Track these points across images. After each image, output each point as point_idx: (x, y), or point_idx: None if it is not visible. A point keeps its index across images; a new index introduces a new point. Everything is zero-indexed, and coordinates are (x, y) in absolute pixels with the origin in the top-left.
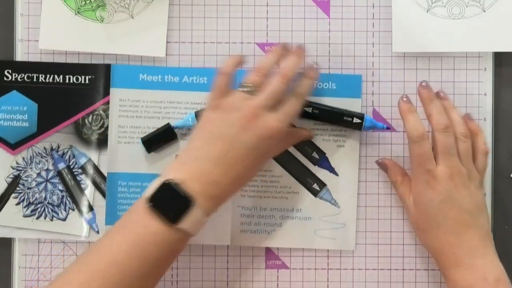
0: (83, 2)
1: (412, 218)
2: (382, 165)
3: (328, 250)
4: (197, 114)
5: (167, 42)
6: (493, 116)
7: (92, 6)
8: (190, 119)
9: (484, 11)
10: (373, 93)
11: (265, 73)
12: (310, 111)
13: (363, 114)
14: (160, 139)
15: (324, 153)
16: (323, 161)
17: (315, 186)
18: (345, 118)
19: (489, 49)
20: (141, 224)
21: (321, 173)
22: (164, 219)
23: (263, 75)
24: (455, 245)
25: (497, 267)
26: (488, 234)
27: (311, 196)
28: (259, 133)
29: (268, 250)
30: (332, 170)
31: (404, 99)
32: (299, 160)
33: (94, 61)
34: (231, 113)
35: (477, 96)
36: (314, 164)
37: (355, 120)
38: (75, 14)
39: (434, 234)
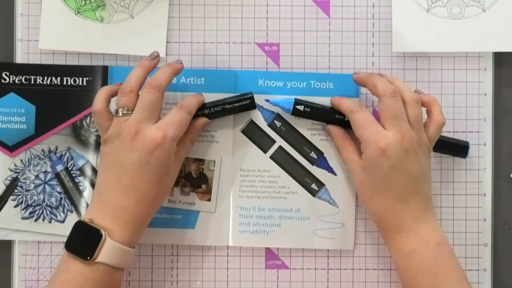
0: (83, 2)
1: (358, 181)
2: (326, 131)
3: (328, 250)
4: None
5: (167, 42)
6: (493, 116)
7: (92, 6)
8: None
9: (484, 11)
10: (373, 93)
11: (132, 90)
12: (302, 109)
13: None
14: None
15: (322, 153)
16: (322, 161)
17: (314, 186)
18: (337, 116)
19: (489, 49)
20: (66, 269)
21: (320, 173)
22: (81, 257)
23: (129, 93)
24: (399, 212)
25: (438, 231)
26: (430, 201)
27: (310, 196)
28: (143, 148)
29: (268, 250)
30: (330, 170)
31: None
32: (298, 160)
33: (94, 61)
34: (115, 140)
35: (477, 96)
36: (313, 164)
37: (347, 118)
38: (75, 14)
39: (379, 200)
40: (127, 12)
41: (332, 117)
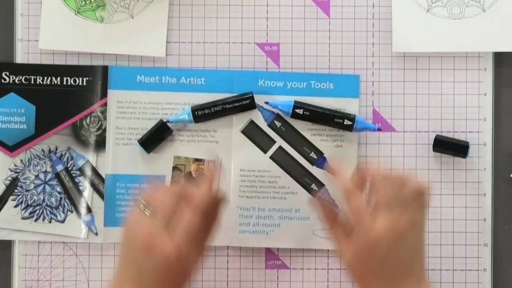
0: (83, 2)
1: (348, 264)
2: (313, 204)
3: (328, 250)
4: (194, 110)
5: (167, 42)
6: (493, 116)
7: (92, 6)
8: (186, 115)
9: (484, 11)
10: (373, 93)
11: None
12: (301, 112)
13: (354, 116)
14: (156, 137)
15: (322, 153)
16: (321, 161)
17: (314, 186)
18: (336, 119)
19: (489, 49)
20: None
21: (319, 173)
22: None
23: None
24: None
25: None
26: (424, 274)
27: (310, 196)
28: (159, 262)
29: (268, 250)
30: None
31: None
32: (297, 161)
33: (94, 61)
34: (132, 238)
35: (477, 96)
36: (312, 164)
37: (346, 121)
38: (75, 14)
39: (371, 283)
40: (127, 12)
41: (331, 120)
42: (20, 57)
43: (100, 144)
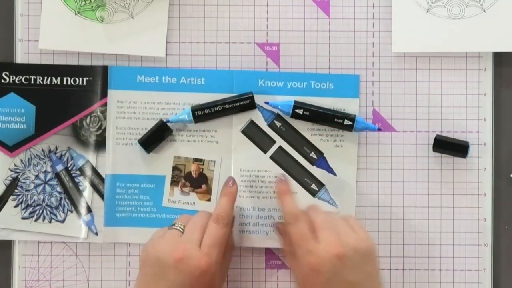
0: (83, 2)
1: None
2: (277, 230)
3: None
4: (194, 110)
5: (167, 42)
6: (493, 116)
7: (92, 6)
8: (186, 115)
9: (484, 11)
10: (373, 93)
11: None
12: (301, 112)
13: (354, 116)
14: (156, 137)
15: (322, 153)
16: (321, 161)
17: (314, 186)
18: (336, 119)
19: (489, 49)
20: None
21: (319, 173)
22: None
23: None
24: None
25: None
26: None
27: (310, 196)
28: (188, 272)
29: (268, 250)
30: (330, 170)
31: (282, 178)
32: (297, 161)
33: (94, 61)
34: (162, 252)
35: (477, 96)
36: (312, 164)
37: (346, 121)
38: (75, 14)
39: None
40: (127, 12)
41: (331, 120)
42: (20, 57)
43: (100, 144)
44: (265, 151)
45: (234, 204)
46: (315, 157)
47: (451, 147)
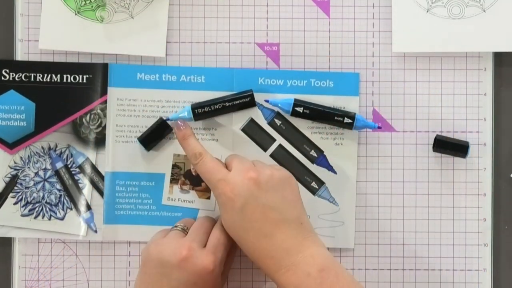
0: (83, 2)
1: (226, 230)
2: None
3: (328, 249)
4: (194, 108)
5: (167, 42)
6: (493, 116)
7: (92, 6)
8: (186, 112)
9: (484, 11)
10: (373, 93)
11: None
12: (301, 110)
13: (354, 114)
14: (156, 135)
15: (322, 151)
16: (322, 160)
17: (314, 184)
18: (336, 118)
19: (489, 49)
20: None
21: (320, 171)
22: None
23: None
24: (268, 248)
25: (318, 257)
26: (303, 226)
27: (310, 194)
28: (193, 270)
29: None
30: (330, 168)
31: (182, 126)
32: (298, 159)
33: (94, 61)
34: (164, 251)
35: (477, 96)
36: (313, 162)
37: (346, 120)
38: (75, 14)
39: (246, 241)
40: (127, 12)
41: (332, 118)
42: (20, 57)
43: (100, 141)
44: (265, 149)
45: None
46: (315, 155)
47: (451, 147)
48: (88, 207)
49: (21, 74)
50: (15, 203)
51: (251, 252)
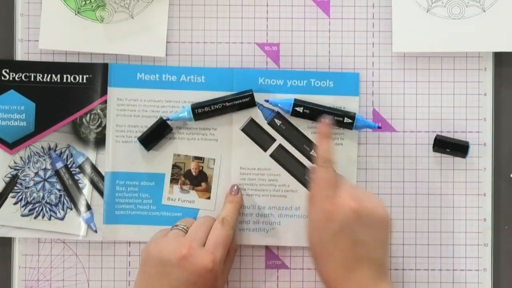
0: (83, 2)
1: (308, 244)
2: (309, 173)
3: None
4: (194, 108)
5: (167, 42)
6: (493, 116)
7: (92, 6)
8: (186, 112)
9: (484, 11)
10: (373, 93)
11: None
12: (301, 110)
13: (354, 114)
14: (156, 135)
15: None
16: None
17: None
18: (336, 117)
19: (489, 49)
20: None
21: None
22: None
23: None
24: (343, 278)
25: None
26: (382, 269)
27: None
28: (192, 270)
29: (268, 250)
30: None
31: (327, 121)
32: (297, 159)
33: (94, 61)
34: (164, 250)
35: (477, 96)
36: (313, 162)
37: (346, 120)
38: (75, 14)
39: (324, 261)
40: (127, 12)
41: (331, 118)
42: (20, 57)
43: (100, 141)
44: (265, 149)
45: (239, 210)
46: (315, 155)
47: (451, 147)
48: (88, 207)
49: (21, 74)
50: (15, 203)
51: (324, 273)
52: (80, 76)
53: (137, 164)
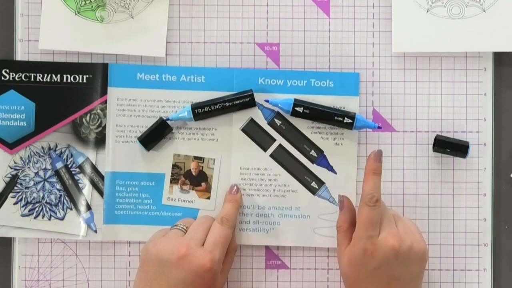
0: (83, 2)
1: (342, 272)
2: (341, 203)
3: (328, 250)
4: (194, 108)
5: (167, 42)
6: (493, 116)
7: (92, 6)
8: (186, 112)
9: (484, 11)
10: (373, 93)
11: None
12: (301, 110)
13: (354, 114)
14: (156, 135)
15: (322, 151)
16: (321, 159)
17: (314, 184)
18: (336, 117)
19: (489, 49)
20: None
21: (320, 171)
22: None
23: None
24: None
25: None
26: None
27: (310, 194)
28: (190, 269)
29: (268, 250)
30: (330, 168)
31: (378, 155)
32: (297, 159)
33: (94, 61)
34: (163, 250)
35: (477, 96)
36: (313, 162)
37: (346, 119)
38: (75, 14)
39: None
40: (127, 12)
41: (331, 118)
42: (20, 57)
43: (100, 141)
44: (265, 149)
45: (239, 210)
46: (315, 155)
47: (451, 147)
48: (88, 207)
49: (21, 74)
50: (15, 203)
51: None
52: (80, 76)
53: (137, 164)
